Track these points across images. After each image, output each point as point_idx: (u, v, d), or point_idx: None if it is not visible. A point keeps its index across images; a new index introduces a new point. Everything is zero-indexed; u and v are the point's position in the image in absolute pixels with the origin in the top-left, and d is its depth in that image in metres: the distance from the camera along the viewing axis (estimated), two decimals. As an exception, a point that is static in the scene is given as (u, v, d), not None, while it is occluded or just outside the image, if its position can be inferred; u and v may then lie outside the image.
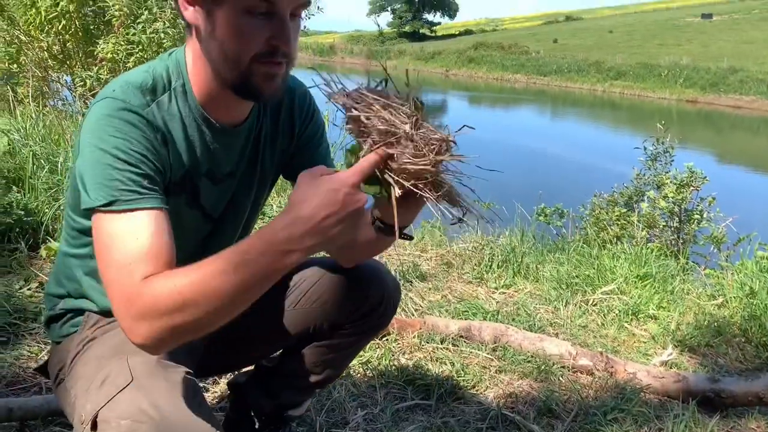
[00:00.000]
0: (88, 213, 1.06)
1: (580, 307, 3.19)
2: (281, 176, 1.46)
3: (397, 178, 1.02)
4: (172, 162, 1.16)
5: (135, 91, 1.11)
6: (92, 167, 1.04)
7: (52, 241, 3.01)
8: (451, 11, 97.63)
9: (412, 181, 1.01)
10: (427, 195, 1.03)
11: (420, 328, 2.56)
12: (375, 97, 1.04)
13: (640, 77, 41.29)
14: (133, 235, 1.00)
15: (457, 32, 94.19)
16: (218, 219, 1.32)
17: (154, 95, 1.14)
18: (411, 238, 1.28)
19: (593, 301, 3.23)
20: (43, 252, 2.95)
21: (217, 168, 1.26)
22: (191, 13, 1.11)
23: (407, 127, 1.00)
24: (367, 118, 1.02)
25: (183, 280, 0.96)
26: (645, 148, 4.95)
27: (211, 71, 1.15)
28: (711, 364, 2.72)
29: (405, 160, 1.00)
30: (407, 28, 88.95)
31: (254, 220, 1.49)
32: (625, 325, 3.06)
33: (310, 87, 1.19)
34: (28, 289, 2.58)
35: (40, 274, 2.74)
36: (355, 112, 1.03)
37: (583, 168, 14.10)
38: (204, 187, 1.26)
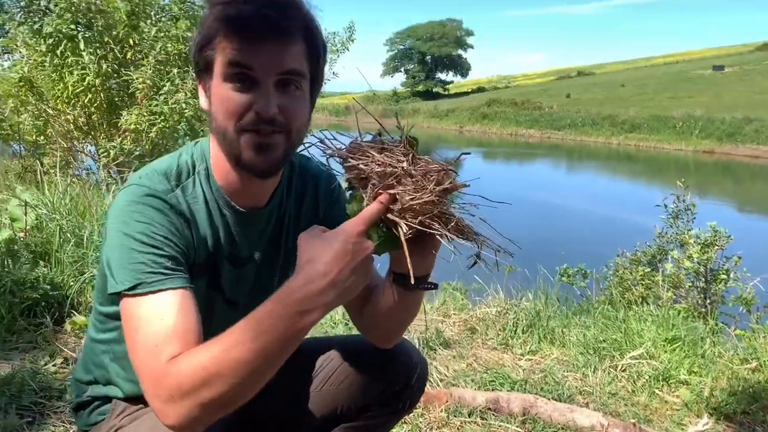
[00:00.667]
0: (115, 298, 1.08)
1: (608, 373, 3.11)
2: None
3: (402, 217, 1.02)
4: (197, 244, 1.19)
5: (160, 177, 1.16)
6: (117, 252, 1.07)
7: (77, 315, 3.03)
8: (463, 70, 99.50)
9: (419, 218, 1.01)
10: (437, 230, 1.02)
11: (446, 401, 2.51)
12: (370, 144, 1.06)
13: (654, 129, 41.43)
14: (158, 316, 1.02)
15: (469, 90, 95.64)
16: (241, 305, 1.30)
17: (179, 181, 1.18)
18: (434, 286, 1.23)
19: (622, 367, 3.16)
20: (68, 326, 2.96)
21: (239, 252, 1.28)
22: (203, 99, 1.17)
23: (404, 164, 1.01)
24: (365, 165, 1.03)
25: (205, 354, 0.95)
26: (666, 206, 4.93)
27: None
28: (749, 433, 2.63)
29: (407, 198, 1.00)
30: (420, 88, 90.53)
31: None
32: (656, 391, 2.98)
33: (307, 146, 1.19)
34: (54, 365, 2.59)
35: (65, 350, 2.75)
36: (353, 162, 1.05)
37: (603, 221, 14.01)
38: (225, 270, 1.27)
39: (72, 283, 3.19)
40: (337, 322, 3.36)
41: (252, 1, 1.06)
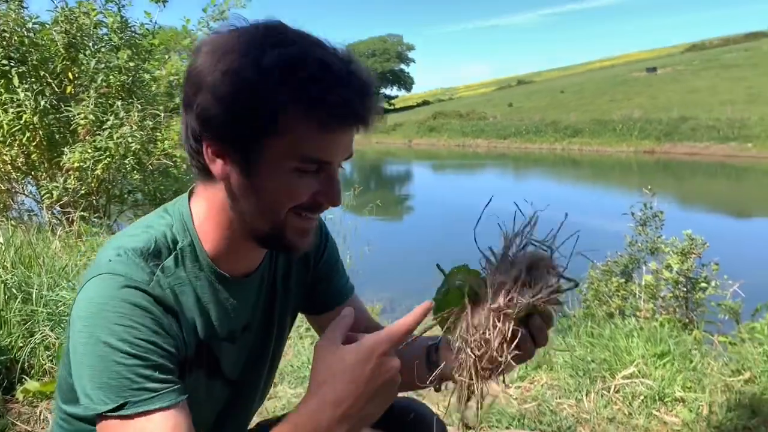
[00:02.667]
0: (90, 416, 0.88)
1: (602, 396, 3.00)
2: (301, 313, 1.31)
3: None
4: (186, 337, 1.00)
5: (136, 260, 0.94)
6: (93, 364, 0.87)
7: (28, 380, 2.76)
8: (406, 84, 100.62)
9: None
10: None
11: (446, 447, 2.34)
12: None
13: (596, 133, 42.57)
14: None
15: (415, 104, 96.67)
16: (236, 381, 1.15)
17: (158, 259, 0.98)
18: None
19: (615, 388, 3.05)
20: (19, 394, 2.69)
21: (235, 325, 1.10)
22: (219, 166, 0.94)
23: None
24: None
25: None
26: (633, 213, 4.90)
27: (236, 222, 1.00)
28: (755, 452, 2.54)
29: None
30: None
31: (272, 378, 1.31)
32: (654, 412, 2.87)
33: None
34: (6, 444, 2.32)
35: (18, 423, 2.48)
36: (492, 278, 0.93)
37: (563, 226, 14.08)
38: (224, 352, 1.09)
39: (21, 345, 2.90)
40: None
41: (348, 84, 0.87)
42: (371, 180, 28.41)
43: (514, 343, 0.89)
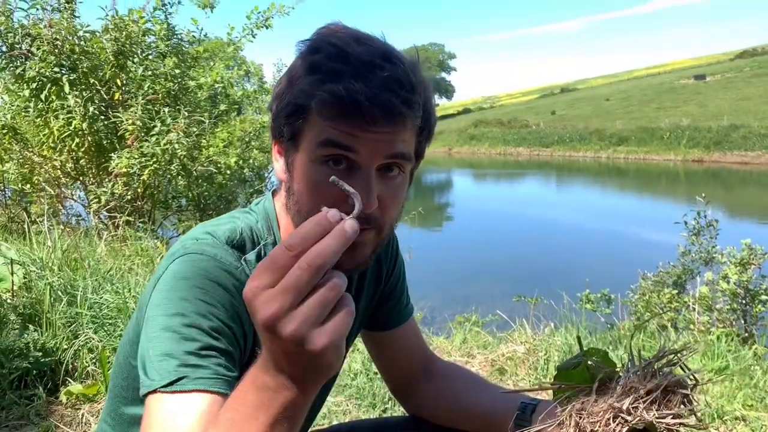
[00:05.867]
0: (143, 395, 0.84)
1: (656, 413, 2.85)
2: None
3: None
4: (256, 329, 0.94)
5: (224, 245, 0.92)
6: (163, 335, 0.83)
7: (72, 383, 2.76)
8: (448, 93, 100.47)
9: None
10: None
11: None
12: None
13: (642, 141, 41.68)
14: (184, 416, 0.78)
15: (456, 112, 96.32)
16: None
17: (242, 252, 0.94)
18: None
19: None
20: (63, 396, 2.69)
21: None
22: (280, 166, 0.93)
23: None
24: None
25: None
26: (686, 223, 4.72)
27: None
28: (826, 476, 2.37)
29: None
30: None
31: (331, 387, 1.25)
32: (713, 431, 2.72)
33: None
34: (48, 447, 2.31)
35: (61, 425, 2.47)
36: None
37: (613, 238, 13.75)
38: None
39: (65, 347, 2.91)
40: (356, 373, 3.10)
41: (367, 78, 0.82)
42: (412, 188, 28.32)
43: None
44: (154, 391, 0.80)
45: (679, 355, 0.91)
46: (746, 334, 3.61)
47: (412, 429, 1.26)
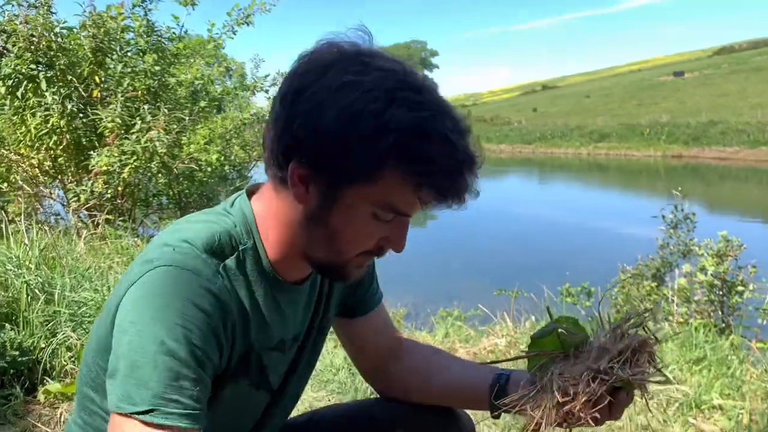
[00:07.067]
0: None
1: (635, 403, 2.88)
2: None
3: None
4: (235, 343, 0.95)
5: (202, 255, 0.90)
6: (137, 358, 0.82)
7: (50, 382, 2.73)
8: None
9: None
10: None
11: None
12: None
13: (623, 137, 42.08)
14: None
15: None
16: (278, 391, 1.10)
17: (222, 258, 0.93)
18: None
19: (649, 394, 2.93)
20: (41, 396, 2.66)
21: (287, 334, 1.06)
22: (301, 191, 0.91)
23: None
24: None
25: None
26: (663, 216, 4.77)
27: (298, 240, 0.97)
28: (801, 462, 2.42)
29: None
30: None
31: (308, 377, 1.26)
32: (690, 420, 2.76)
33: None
34: (26, 447, 2.29)
35: (39, 424, 2.45)
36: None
37: (594, 233, 13.86)
38: (273, 362, 1.05)
39: (43, 346, 2.88)
40: (338, 368, 3.10)
41: (457, 181, 0.87)
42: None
43: (598, 406, 0.93)
44: (127, 415, 0.80)
45: (642, 317, 1.00)
46: (723, 325, 3.66)
47: (385, 410, 1.27)
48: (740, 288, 3.67)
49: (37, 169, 6.46)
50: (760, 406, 2.81)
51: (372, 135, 0.82)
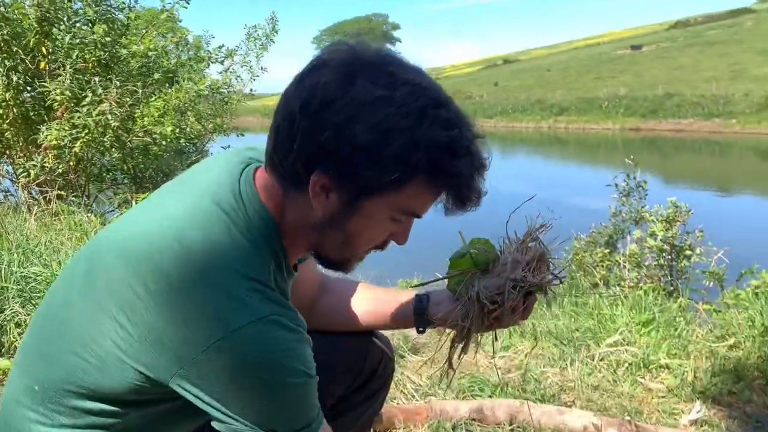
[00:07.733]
0: (103, 394, 0.92)
1: (586, 364, 2.97)
2: None
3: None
4: None
5: (266, 290, 0.90)
6: (282, 405, 0.90)
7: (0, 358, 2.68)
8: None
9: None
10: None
11: (427, 416, 2.30)
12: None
13: (582, 111, 42.60)
14: None
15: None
16: None
17: (266, 277, 0.93)
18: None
19: (600, 356, 3.02)
20: (-10, 372, 2.61)
21: None
22: (322, 199, 0.91)
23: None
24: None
25: None
26: (616, 185, 4.87)
27: (311, 238, 0.99)
28: (740, 415, 2.52)
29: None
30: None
31: None
32: (639, 379, 2.85)
33: None
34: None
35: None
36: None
37: (549, 205, 14.05)
38: None
39: (-12, 320, 2.82)
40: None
41: (476, 181, 0.93)
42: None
43: (518, 310, 1.11)
44: None
45: (540, 231, 1.16)
46: (672, 288, 3.78)
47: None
48: (688, 252, 3.79)
49: (-17, 144, 6.25)
50: (704, 364, 2.92)
51: (403, 152, 0.85)
